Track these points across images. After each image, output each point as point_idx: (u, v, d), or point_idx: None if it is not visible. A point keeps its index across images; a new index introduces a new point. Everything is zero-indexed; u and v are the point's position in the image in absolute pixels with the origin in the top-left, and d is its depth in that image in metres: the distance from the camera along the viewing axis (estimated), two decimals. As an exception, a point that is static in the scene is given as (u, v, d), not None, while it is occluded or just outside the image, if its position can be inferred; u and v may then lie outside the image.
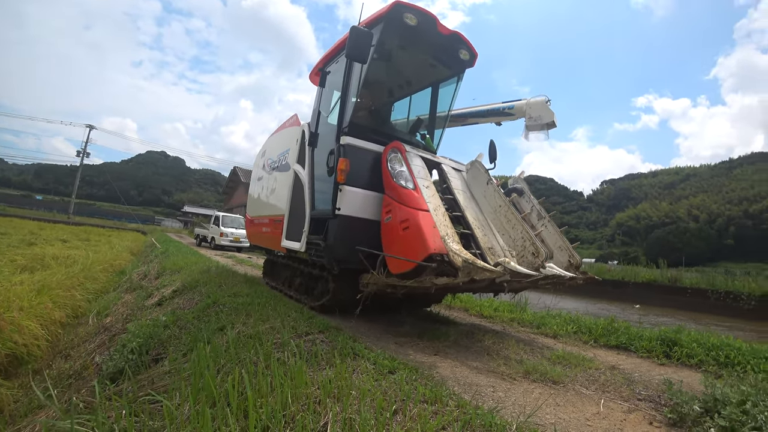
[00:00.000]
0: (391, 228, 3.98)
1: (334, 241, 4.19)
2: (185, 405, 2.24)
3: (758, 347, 4.07)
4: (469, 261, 3.30)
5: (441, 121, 5.91)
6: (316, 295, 5.08)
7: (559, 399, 2.71)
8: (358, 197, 4.25)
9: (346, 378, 2.29)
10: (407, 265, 3.60)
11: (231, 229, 19.81)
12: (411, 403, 2.05)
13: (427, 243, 3.49)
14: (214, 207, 41.93)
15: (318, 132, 5.12)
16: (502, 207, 4.39)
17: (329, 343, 3.22)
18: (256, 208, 7.38)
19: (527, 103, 5.99)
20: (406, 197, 3.95)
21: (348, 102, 4.65)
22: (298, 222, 4.97)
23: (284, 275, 6.53)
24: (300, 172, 5.20)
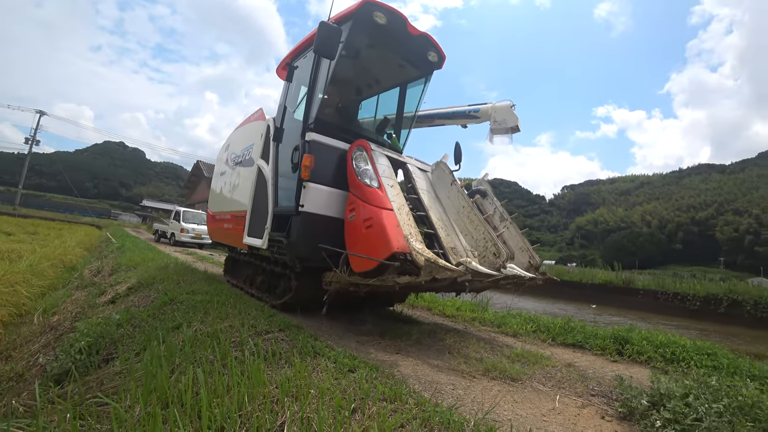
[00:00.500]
0: (355, 226, 3.96)
1: (296, 239, 4.12)
2: (136, 407, 2.14)
3: (701, 344, 4.34)
4: (432, 260, 3.32)
5: (408, 122, 5.92)
6: (278, 294, 4.99)
7: (516, 396, 2.78)
8: (322, 194, 4.21)
9: (305, 377, 2.25)
10: (370, 263, 3.58)
11: (192, 225, 19.14)
12: (370, 402, 2.04)
13: (390, 242, 3.49)
14: (175, 202, 40.39)
15: (283, 127, 5.02)
16: (465, 208, 4.44)
17: (289, 342, 3.15)
18: (218, 204, 7.18)
19: (492, 107, 6.11)
20: (370, 196, 3.94)
21: (314, 98, 4.59)
22: (261, 218, 4.86)
23: (246, 273, 6.39)
24: (264, 167, 5.09)
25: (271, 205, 4.68)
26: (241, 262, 6.74)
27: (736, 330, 11.07)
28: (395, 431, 1.75)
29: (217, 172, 7.70)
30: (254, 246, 5.05)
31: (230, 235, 6.22)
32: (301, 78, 5.18)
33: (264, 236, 4.64)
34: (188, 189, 38.82)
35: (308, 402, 1.96)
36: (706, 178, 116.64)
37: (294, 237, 4.15)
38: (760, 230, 77.06)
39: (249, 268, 6.28)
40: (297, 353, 2.76)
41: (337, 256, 3.94)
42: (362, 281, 3.61)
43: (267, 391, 2.11)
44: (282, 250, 4.39)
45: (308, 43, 4.95)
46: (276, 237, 4.44)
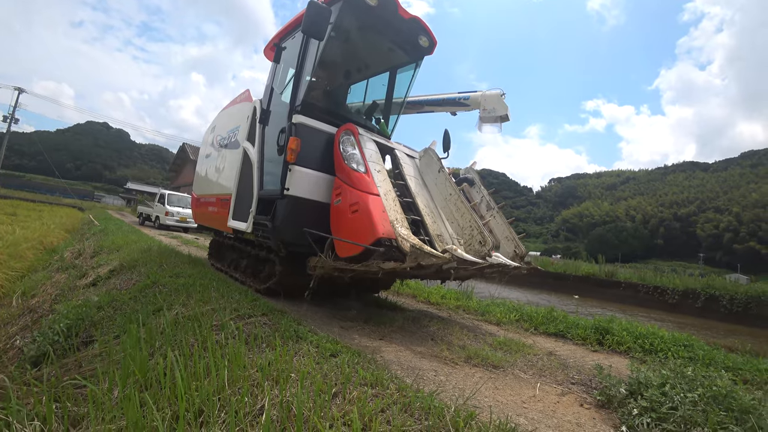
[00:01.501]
0: (341, 211, 3.91)
1: (281, 223, 4.08)
2: (114, 389, 2.10)
3: (678, 336, 4.44)
4: (417, 246, 3.30)
5: (396, 107, 5.84)
6: (262, 278, 4.94)
7: (498, 383, 2.80)
8: (308, 178, 4.15)
9: (287, 361, 2.23)
10: (355, 248, 3.54)
11: (177, 208, 18.85)
12: (351, 386, 2.03)
13: (376, 227, 3.46)
14: (161, 185, 39.63)
15: (270, 109, 4.93)
16: (452, 195, 4.41)
17: (272, 326, 3.13)
18: (203, 187, 7.05)
19: (483, 95, 6.05)
20: (356, 180, 3.88)
21: (302, 80, 4.50)
22: (246, 202, 4.79)
23: (230, 257, 6.31)
24: (250, 150, 4.99)
25: (257, 188, 4.61)
26: (225, 246, 6.63)
27: (712, 324, 11.39)
28: (375, 415, 1.74)
29: (202, 155, 7.58)
30: (239, 230, 4.96)
31: (215, 218, 6.11)
32: (288, 59, 5.07)
33: (248, 220, 4.57)
34: (174, 172, 38.07)
35: (289, 386, 1.95)
36: (690, 175, 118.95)
37: (279, 221, 4.10)
38: (740, 228, 79.06)
39: (234, 252, 6.19)
40: (279, 337, 2.74)
41: (322, 241, 3.88)
42: (347, 266, 3.58)
43: (247, 374, 2.09)
44: (266, 234, 4.33)
45: (297, 24, 4.82)
46: (260, 220, 4.37)
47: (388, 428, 1.65)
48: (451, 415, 1.80)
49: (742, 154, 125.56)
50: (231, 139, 5.84)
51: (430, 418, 1.76)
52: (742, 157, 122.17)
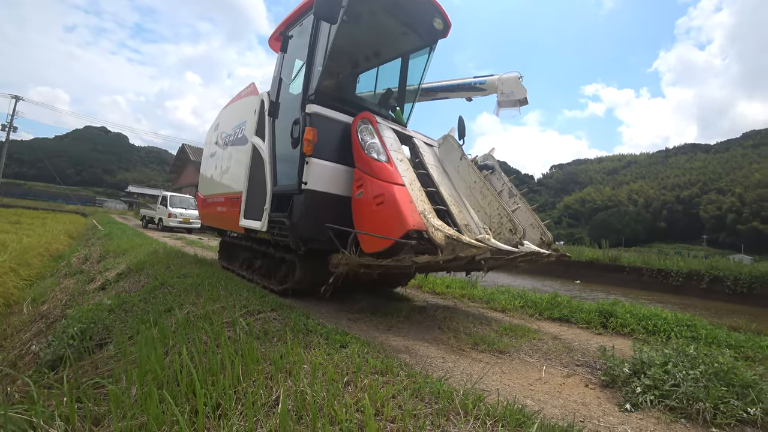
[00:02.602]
0: (364, 204, 3.73)
1: (300, 219, 3.88)
2: (132, 388, 2.17)
3: (681, 316, 4.50)
4: (453, 237, 3.18)
5: (411, 94, 5.66)
6: (279, 278, 4.78)
7: (504, 367, 2.87)
8: (326, 171, 3.97)
9: (298, 353, 2.30)
10: (383, 243, 3.36)
11: (180, 209, 18.98)
12: (362, 375, 2.10)
13: (405, 219, 3.28)
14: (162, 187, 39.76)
15: (279, 101, 4.72)
16: (477, 183, 4.24)
17: (282, 321, 3.20)
18: (209, 187, 6.89)
19: (500, 79, 5.85)
20: (379, 170, 3.69)
21: (314, 68, 4.28)
22: (259, 199, 4.60)
23: (242, 257, 6.15)
24: (259, 145, 4.80)
25: (270, 184, 4.41)
26: (236, 246, 6.43)
27: (716, 304, 11.44)
28: (387, 401, 1.81)
29: (206, 155, 7.44)
30: (252, 229, 4.76)
31: (225, 218, 5.96)
32: (297, 48, 4.85)
33: (263, 218, 4.39)
34: (174, 173, 38.12)
35: (302, 377, 2.01)
36: (691, 157, 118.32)
37: (297, 217, 3.91)
38: (742, 209, 78.80)
39: (246, 252, 6.03)
40: (289, 331, 2.81)
41: (344, 237, 3.75)
42: (375, 262, 3.42)
43: (261, 368, 2.16)
44: (284, 232, 4.14)
45: (305, 10, 4.64)
46: (276, 218, 4.20)
47: (400, 412, 1.72)
48: (460, 398, 1.87)
49: (744, 134, 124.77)
50: (237, 135, 5.68)
51: (440, 402, 1.83)
52: (743, 138, 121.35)
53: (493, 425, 1.68)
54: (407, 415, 1.68)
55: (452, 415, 1.74)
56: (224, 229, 6.66)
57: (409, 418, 1.67)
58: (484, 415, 1.72)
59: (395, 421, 1.67)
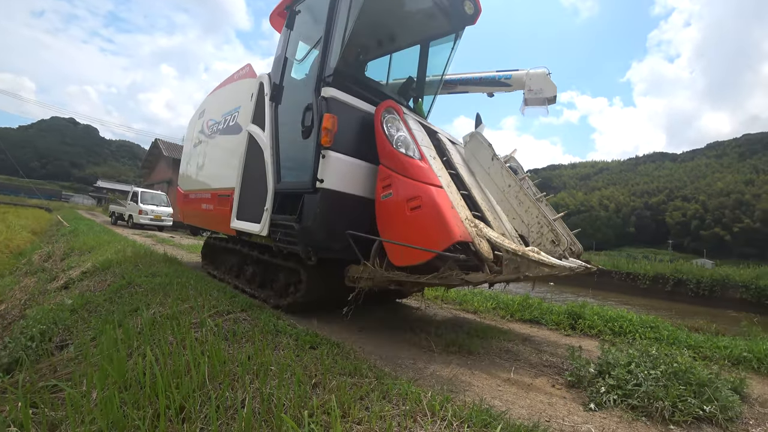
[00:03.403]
0: (393, 207, 3.21)
1: (313, 223, 3.32)
2: (93, 392, 2.09)
3: (646, 318, 4.67)
4: (519, 253, 2.77)
5: (433, 86, 5.19)
6: (278, 290, 4.20)
7: (474, 369, 2.90)
8: (345, 167, 3.42)
9: (267, 354, 2.27)
10: (420, 255, 2.88)
11: (151, 206, 18.42)
12: (331, 376, 2.09)
13: (450, 227, 2.81)
14: (133, 182, 38.49)
15: (283, 84, 4.14)
16: (512, 187, 3.79)
17: (251, 321, 3.16)
18: (191, 181, 6.20)
19: (527, 74, 5.43)
20: (412, 169, 3.20)
21: (332, 45, 3.68)
22: (256, 198, 4.01)
23: (230, 263, 5.48)
24: (258, 134, 4.18)
25: (272, 180, 3.83)
26: (223, 249, 5.73)
27: (679, 306, 11.94)
28: (354, 403, 1.80)
29: (189, 144, 6.71)
30: (249, 232, 4.17)
31: (211, 218, 5.32)
32: (307, 24, 4.28)
33: (263, 220, 3.82)
34: (146, 169, 36.92)
35: (269, 378, 1.98)
36: (659, 165, 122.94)
37: (309, 221, 3.35)
38: (705, 216, 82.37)
39: (235, 256, 5.34)
40: (258, 332, 2.77)
41: (365, 245, 3.26)
42: (410, 279, 2.97)
43: (228, 369, 2.11)
44: (290, 238, 3.54)
45: None
46: (281, 221, 3.65)
47: (367, 414, 1.71)
48: (428, 399, 1.88)
49: (708, 144, 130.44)
50: (228, 123, 5.06)
51: (408, 403, 1.83)
52: (707, 148, 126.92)
53: (460, 426, 1.70)
54: (374, 416, 1.67)
55: (419, 417, 1.75)
56: (210, 229, 6.06)
57: (376, 420, 1.67)
58: (451, 416, 1.74)
59: (361, 423, 1.66)
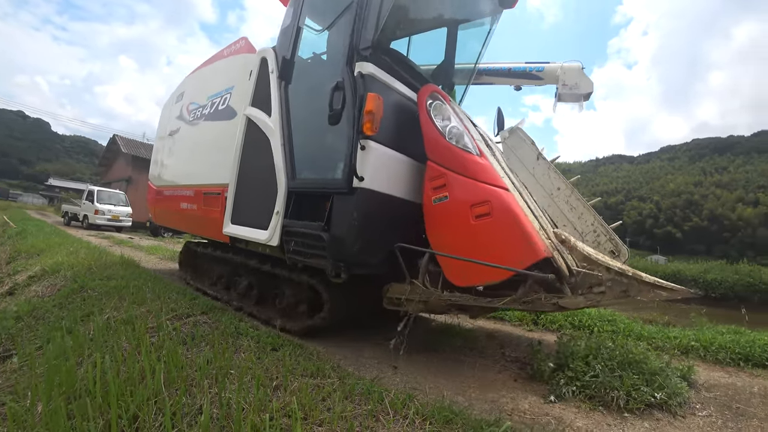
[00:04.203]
0: (451, 214, 2.68)
1: (347, 232, 2.67)
2: (38, 405, 1.96)
3: (604, 312, 4.87)
4: (628, 273, 2.38)
5: (465, 75, 4.69)
6: (286, 310, 3.51)
7: (439, 366, 2.94)
8: (389, 162, 2.83)
9: (227, 357, 2.21)
10: (493, 274, 2.43)
11: (108, 206, 17.54)
12: (293, 378, 2.05)
13: (534, 240, 2.39)
14: (89, 181, 36.40)
15: (295, 60, 3.49)
16: (562, 190, 3.46)
17: (212, 324, 3.07)
18: (168, 175, 5.40)
19: (561, 68, 5.01)
20: (473, 167, 2.68)
21: (369, 11, 2.96)
22: (260, 198, 3.38)
23: (217, 273, 4.69)
24: (260, 119, 3.49)
25: (284, 177, 3.14)
26: (209, 257, 4.80)
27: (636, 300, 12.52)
28: (317, 404, 1.78)
29: (163, 132, 5.84)
30: (249, 240, 3.49)
31: (193, 220, 4.63)
32: None
33: (271, 227, 3.14)
34: (103, 166, 35.09)
35: (229, 382, 1.93)
36: (618, 167, 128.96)
37: (342, 229, 2.70)
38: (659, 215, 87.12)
39: (223, 266, 4.55)
40: (218, 335, 2.69)
41: (410, 260, 2.76)
42: (482, 303, 2.53)
43: (186, 374, 2.04)
44: (314, 250, 2.86)
45: None
46: (299, 229, 2.95)
47: (329, 415, 1.70)
48: (391, 398, 1.88)
49: (662, 148, 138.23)
50: (217, 106, 4.38)
51: (370, 403, 1.83)
52: (661, 151, 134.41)
53: (422, 423, 1.71)
54: (336, 417, 1.66)
55: (381, 416, 1.75)
56: (191, 233, 5.33)
57: (338, 421, 1.65)
58: (413, 414, 1.75)
59: (323, 424, 1.64)
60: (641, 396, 2.46)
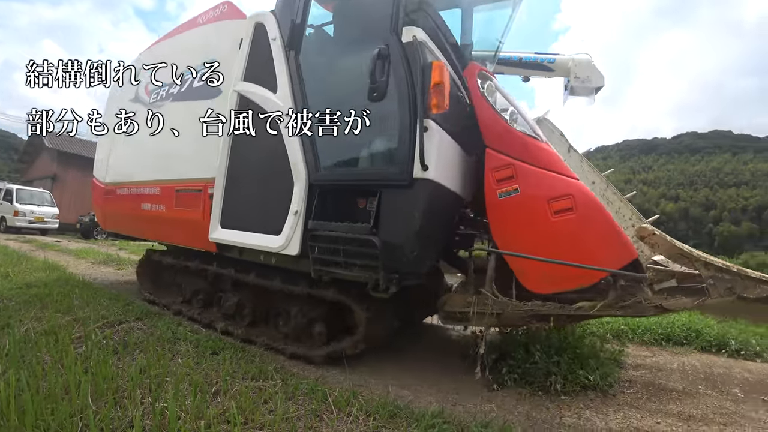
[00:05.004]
0: (523, 210, 2.35)
1: (406, 235, 2.23)
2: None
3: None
4: (733, 270, 2.14)
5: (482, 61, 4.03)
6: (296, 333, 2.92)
7: (386, 363, 2.93)
8: (448, 148, 2.43)
9: (163, 365, 2.09)
10: (582, 277, 2.22)
11: (30, 206, 15.97)
12: (234, 382, 1.99)
13: (626, 239, 2.23)
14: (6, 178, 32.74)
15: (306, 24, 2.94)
16: (597, 184, 3.19)
17: (147, 330, 2.89)
18: (120, 169, 4.47)
19: (573, 60, 4.73)
20: (545, 156, 2.39)
21: None
22: (266, 195, 2.87)
23: (194, 287, 3.78)
24: (262, 97, 2.88)
25: (303, 167, 2.59)
26: (180, 269, 3.89)
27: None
28: (258, 407, 1.73)
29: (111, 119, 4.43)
30: (248, 248, 2.92)
31: (162, 224, 3.83)
32: None
33: (287, 230, 2.57)
34: (24, 163, 31.74)
35: (164, 391, 1.83)
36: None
37: (401, 231, 2.25)
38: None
39: (200, 280, 3.68)
40: (153, 341, 2.54)
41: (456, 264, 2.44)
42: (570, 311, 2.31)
43: (115, 386, 1.91)
44: (361, 259, 2.32)
45: None
46: (337, 233, 2.39)
47: (271, 417, 1.65)
48: (335, 396, 1.87)
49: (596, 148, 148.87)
50: (192, 83, 3.67)
51: (314, 402, 1.81)
52: (596, 151, 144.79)
53: (366, 420, 1.71)
54: (278, 419, 1.62)
55: (325, 415, 1.73)
56: (155, 241, 4.50)
57: (281, 423, 1.62)
58: (357, 411, 1.74)
59: (264, 428, 1.60)
60: (576, 379, 2.61)
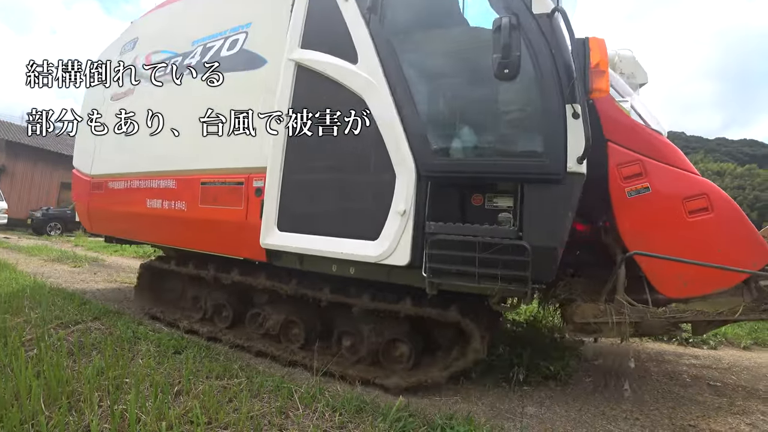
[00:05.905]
0: (657, 209, 2.18)
1: (557, 237, 1.99)
2: None
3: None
4: None
5: None
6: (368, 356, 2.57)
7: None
8: None
9: (122, 366, 2.02)
10: (724, 279, 2.11)
11: (-24, 201, 14.96)
12: (197, 381, 1.95)
13: (761, 239, 2.15)
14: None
15: None
16: None
17: (105, 330, 2.79)
18: (114, 158, 3.79)
19: (617, 56, 4.43)
20: (671, 153, 2.24)
21: None
22: (350, 190, 2.42)
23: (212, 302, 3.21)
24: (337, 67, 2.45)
25: (408, 154, 2.17)
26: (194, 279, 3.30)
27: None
28: (223, 406, 1.71)
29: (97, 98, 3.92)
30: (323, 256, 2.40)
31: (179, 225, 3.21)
32: None
33: (390, 234, 2.16)
34: (-30, 157, 29.81)
35: (123, 393, 1.77)
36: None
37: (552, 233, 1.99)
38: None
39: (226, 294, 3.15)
40: (112, 341, 2.45)
41: None
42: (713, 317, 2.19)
43: (70, 389, 1.83)
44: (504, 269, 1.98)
45: None
46: (475, 237, 2.01)
47: (235, 416, 1.64)
48: (301, 393, 1.87)
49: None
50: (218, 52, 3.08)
51: (280, 400, 1.80)
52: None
53: (332, 415, 1.72)
54: (243, 417, 1.61)
55: (291, 412, 1.73)
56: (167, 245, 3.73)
57: (245, 421, 1.60)
58: (323, 407, 1.75)
59: (229, 427, 1.58)
60: (538, 369, 2.72)
